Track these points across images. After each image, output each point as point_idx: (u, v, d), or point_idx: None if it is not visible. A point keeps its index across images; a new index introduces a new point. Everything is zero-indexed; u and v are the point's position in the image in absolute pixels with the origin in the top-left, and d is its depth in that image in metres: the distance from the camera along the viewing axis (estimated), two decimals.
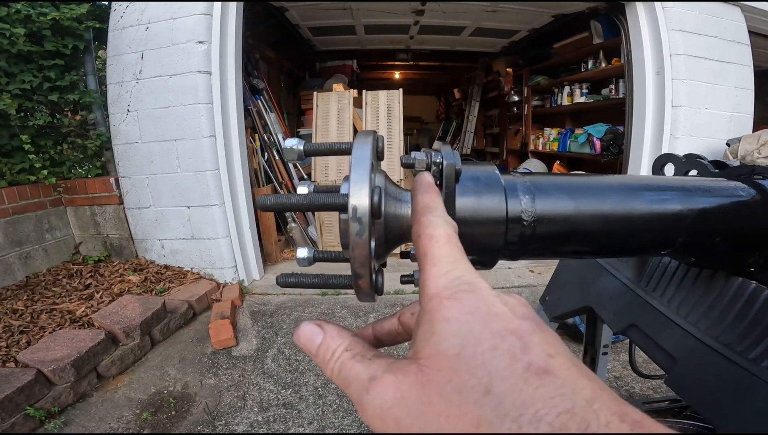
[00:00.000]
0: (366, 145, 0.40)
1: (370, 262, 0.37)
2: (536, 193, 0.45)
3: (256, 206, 0.44)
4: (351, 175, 0.37)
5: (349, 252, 0.37)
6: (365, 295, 0.40)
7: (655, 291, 0.77)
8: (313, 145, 0.47)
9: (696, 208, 0.51)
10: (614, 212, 0.48)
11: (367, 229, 0.35)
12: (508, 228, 0.43)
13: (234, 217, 3.23)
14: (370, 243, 0.36)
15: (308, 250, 0.48)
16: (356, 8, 4.72)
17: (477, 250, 0.45)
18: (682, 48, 3.25)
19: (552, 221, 0.45)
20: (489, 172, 0.45)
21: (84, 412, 2.00)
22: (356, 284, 0.39)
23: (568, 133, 5.44)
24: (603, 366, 1.31)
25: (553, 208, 0.45)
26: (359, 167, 0.37)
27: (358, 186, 0.36)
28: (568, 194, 0.47)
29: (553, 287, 1.22)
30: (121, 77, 3.14)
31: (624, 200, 0.49)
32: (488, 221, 0.43)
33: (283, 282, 0.46)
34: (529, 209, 0.44)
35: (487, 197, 0.43)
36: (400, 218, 0.44)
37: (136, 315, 2.44)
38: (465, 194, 0.42)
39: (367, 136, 0.42)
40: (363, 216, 0.35)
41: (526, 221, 0.44)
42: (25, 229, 3.07)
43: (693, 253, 0.60)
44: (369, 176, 0.37)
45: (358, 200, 0.35)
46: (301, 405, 2.04)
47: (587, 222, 0.47)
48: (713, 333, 0.62)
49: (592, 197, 0.48)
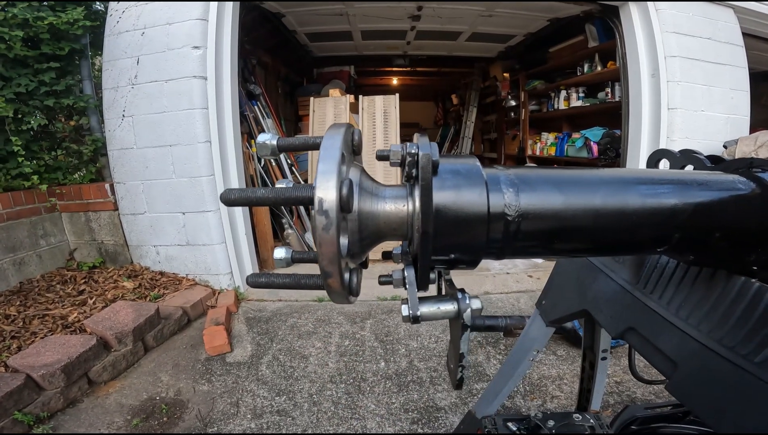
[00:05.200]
0: (336, 136, 0.38)
1: (339, 260, 0.34)
2: (521, 186, 0.42)
3: (221, 201, 0.43)
4: (318, 167, 0.35)
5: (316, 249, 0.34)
6: (337, 295, 0.38)
7: (654, 293, 0.74)
8: (286, 140, 0.45)
9: (692, 202, 0.48)
10: (606, 207, 0.45)
11: (335, 224, 0.33)
12: (490, 224, 0.41)
13: (229, 223, 3.21)
14: (339, 238, 0.34)
15: (286, 250, 0.45)
16: (353, 14, 4.73)
17: (458, 248, 0.42)
18: (676, 50, 3.26)
19: (538, 216, 0.43)
20: (469, 165, 0.42)
21: (73, 418, 1.97)
22: (326, 283, 0.36)
23: (565, 137, 5.44)
24: (603, 371, 1.28)
25: (540, 203, 0.43)
26: (327, 159, 0.35)
27: (325, 177, 0.34)
28: (556, 187, 0.44)
29: (550, 290, 1.19)
30: (117, 82, 3.13)
31: (616, 194, 0.46)
32: (469, 217, 0.40)
33: (253, 282, 0.43)
34: (512, 203, 0.41)
35: (467, 191, 0.40)
36: (376, 215, 0.42)
37: (129, 321, 2.41)
38: (443, 188, 0.40)
39: (339, 128, 0.40)
40: (330, 209, 0.33)
41: (509, 216, 0.41)
42: (19, 235, 3.05)
43: (691, 251, 0.57)
44: (337, 168, 0.34)
45: (325, 193, 0.33)
46: (295, 412, 2.01)
47: (577, 217, 0.44)
48: (716, 336, 0.59)
49: (582, 191, 0.45)
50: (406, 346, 2.55)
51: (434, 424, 1.92)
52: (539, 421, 1.15)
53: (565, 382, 2.21)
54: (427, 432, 1.88)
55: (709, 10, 3.43)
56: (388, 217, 0.41)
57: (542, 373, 2.28)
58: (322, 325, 2.82)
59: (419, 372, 2.31)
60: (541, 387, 2.18)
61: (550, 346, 2.49)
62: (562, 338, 2.53)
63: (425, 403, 2.07)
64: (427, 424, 1.92)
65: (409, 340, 2.62)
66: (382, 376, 2.28)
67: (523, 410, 2.01)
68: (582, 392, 1.37)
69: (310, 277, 0.41)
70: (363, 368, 2.35)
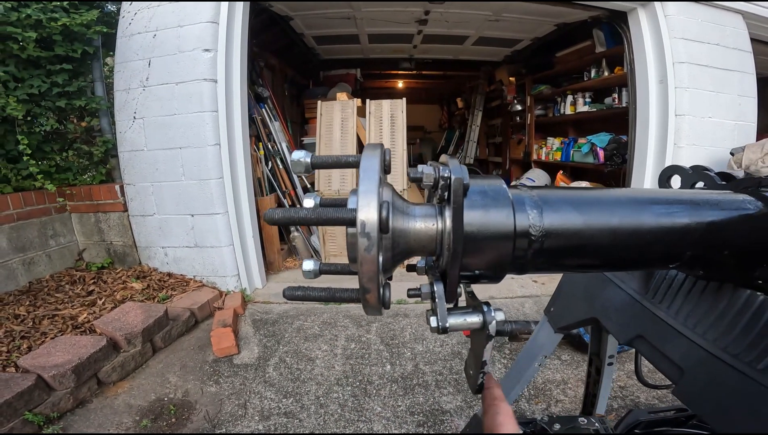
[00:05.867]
0: (374, 158, 0.40)
1: (378, 277, 0.37)
2: (544, 207, 0.45)
3: (263, 219, 0.45)
4: (359, 189, 0.36)
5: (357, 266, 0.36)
6: (372, 308, 0.40)
7: (662, 303, 0.77)
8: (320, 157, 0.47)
9: (704, 221, 0.50)
10: (623, 226, 0.48)
11: (376, 245, 0.35)
12: (516, 242, 0.43)
13: (237, 225, 3.23)
14: (379, 258, 0.36)
15: (314, 262, 0.47)
16: (360, 17, 4.76)
17: (485, 264, 0.44)
18: (684, 56, 3.26)
19: (560, 235, 0.45)
20: (496, 187, 0.44)
21: (83, 418, 2.00)
22: (364, 299, 0.38)
23: (571, 142, 5.44)
24: (608, 376, 1.30)
25: (562, 223, 0.45)
26: (367, 181, 0.37)
27: (367, 200, 0.35)
28: (576, 208, 0.46)
29: (558, 298, 1.20)
30: (128, 84, 3.17)
31: (632, 214, 0.49)
32: (496, 236, 0.42)
33: (289, 295, 0.45)
34: (537, 224, 0.44)
35: (495, 212, 0.42)
36: (407, 233, 0.44)
37: (138, 322, 2.44)
38: (473, 208, 0.42)
39: (375, 149, 0.42)
40: (372, 231, 0.35)
41: (534, 236, 0.44)
42: (29, 235, 3.09)
43: (701, 267, 0.59)
44: (377, 190, 0.36)
45: (367, 215, 0.35)
46: (302, 414, 2.03)
47: (596, 236, 0.47)
48: (721, 344, 0.61)
49: (601, 211, 0.48)
50: (411, 350, 2.57)
51: (440, 427, 1.94)
52: (545, 425, 1.16)
53: (570, 386, 2.22)
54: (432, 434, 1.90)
55: (718, 16, 3.43)
56: (418, 235, 0.44)
57: (547, 378, 2.29)
58: (328, 328, 2.84)
59: (425, 375, 2.32)
60: (546, 391, 2.19)
61: (555, 351, 2.50)
62: (567, 344, 2.54)
63: (431, 406, 2.08)
64: (432, 427, 1.94)
65: (415, 343, 2.64)
66: (388, 379, 2.30)
67: (528, 414, 2.02)
68: (587, 396, 1.39)
69: (344, 291, 0.43)
70: (369, 371, 2.37)
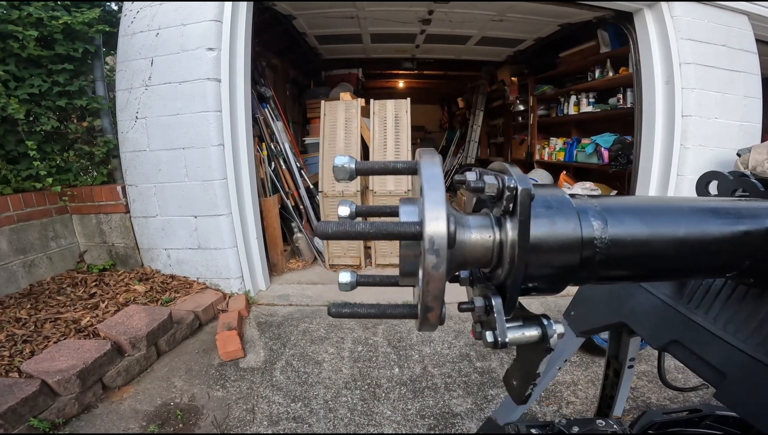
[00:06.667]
0: (436, 166, 0.36)
1: (443, 296, 0.34)
2: (608, 217, 0.44)
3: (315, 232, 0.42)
4: (425, 200, 0.33)
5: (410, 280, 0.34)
6: (431, 326, 0.37)
7: (699, 308, 0.77)
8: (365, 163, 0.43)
9: (762, 228, 0.50)
10: (689, 236, 0.47)
11: (445, 262, 0.32)
12: (582, 254, 0.41)
13: (241, 227, 3.20)
14: (446, 277, 0.33)
15: (351, 274, 0.44)
16: (363, 17, 4.74)
17: (546, 277, 0.43)
18: (691, 57, 3.25)
19: (625, 246, 0.44)
20: (560, 197, 0.43)
21: (89, 424, 1.96)
22: (424, 317, 0.35)
23: (574, 143, 5.42)
24: (628, 379, 1.31)
25: (626, 233, 0.44)
26: (433, 191, 0.33)
27: (435, 214, 0.32)
28: (640, 219, 0.46)
29: (579, 302, 1.20)
30: (130, 83, 3.13)
31: (697, 224, 0.48)
32: (562, 247, 0.41)
33: (336, 313, 0.42)
34: (602, 236, 0.42)
35: (562, 223, 0.41)
36: (464, 245, 0.41)
37: (143, 325, 2.40)
38: (537, 218, 0.40)
39: (434, 156, 0.38)
40: (441, 248, 0.32)
41: (599, 248, 0.42)
42: (30, 237, 3.05)
43: (754, 275, 0.59)
44: (445, 203, 0.33)
45: (436, 229, 0.32)
46: (311, 419, 2.00)
47: (661, 247, 0.46)
48: (765, 349, 0.62)
49: (666, 221, 0.47)
50: (419, 352, 2.54)
51: (451, 430, 1.91)
52: (563, 428, 1.14)
53: (580, 387, 2.21)
54: None
55: (724, 17, 3.41)
56: (473, 246, 0.41)
57: (557, 379, 2.27)
58: (334, 331, 2.81)
59: (434, 378, 2.29)
60: (556, 393, 2.17)
61: None
62: None
63: (441, 409, 2.06)
64: (443, 430, 1.91)
65: (422, 346, 2.61)
66: (396, 382, 2.27)
67: (539, 416, 2.00)
68: (603, 398, 1.39)
69: (395, 307, 0.40)
70: (377, 374, 2.34)
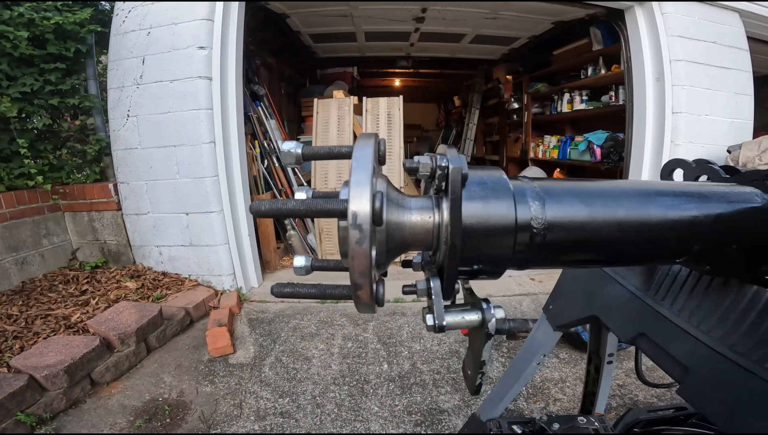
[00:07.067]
0: (368, 147, 0.38)
1: (370, 272, 0.34)
2: (546, 198, 0.43)
3: (249, 210, 0.43)
4: (351, 179, 0.34)
5: (348, 261, 0.34)
6: (365, 306, 0.38)
7: (665, 300, 0.75)
8: (311, 148, 0.45)
9: (712, 214, 0.49)
10: (629, 219, 0.45)
11: (368, 238, 0.33)
12: (517, 236, 0.41)
13: (233, 224, 3.21)
14: (371, 252, 0.33)
15: (305, 258, 0.45)
16: (357, 15, 4.73)
17: (484, 259, 0.42)
18: (681, 54, 3.25)
19: (564, 228, 0.43)
20: (497, 177, 0.42)
21: (76, 419, 1.97)
22: (355, 295, 0.36)
23: (568, 140, 5.43)
24: (608, 375, 1.29)
25: (565, 215, 0.43)
26: (360, 171, 0.35)
27: (359, 191, 0.33)
28: (580, 200, 0.44)
29: (557, 296, 1.19)
30: (122, 82, 3.13)
31: (639, 206, 0.47)
32: (496, 228, 0.40)
33: (278, 292, 0.43)
34: (539, 216, 0.42)
35: (496, 203, 0.40)
36: (402, 226, 0.41)
37: (132, 321, 2.41)
38: (472, 200, 0.40)
39: (369, 138, 0.40)
40: (364, 223, 0.33)
41: (536, 229, 0.41)
42: (22, 235, 3.05)
43: (708, 261, 0.58)
44: (371, 180, 0.34)
45: (359, 206, 0.33)
46: (298, 414, 2.00)
47: (601, 229, 0.45)
48: (727, 342, 0.60)
49: (607, 203, 0.46)
50: (408, 349, 2.55)
51: (437, 427, 1.92)
52: (544, 424, 1.15)
53: (568, 384, 2.21)
54: (430, 434, 1.88)
55: (715, 14, 3.42)
56: (413, 228, 0.41)
57: (545, 376, 2.28)
58: (324, 327, 2.81)
59: (422, 374, 2.30)
60: (544, 390, 2.18)
61: (553, 350, 2.49)
62: (565, 342, 2.53)
63: (428, 405, 2.06)
64: (430, 427, 1.92)
65: (412, 342, 2.62)
66: (385, 378, 2.28)
67: (526, 413, 2.01)
68: (586, 395, 1.38)
69: (335, 288, 0.41)
70: (366, 370, 2.35)
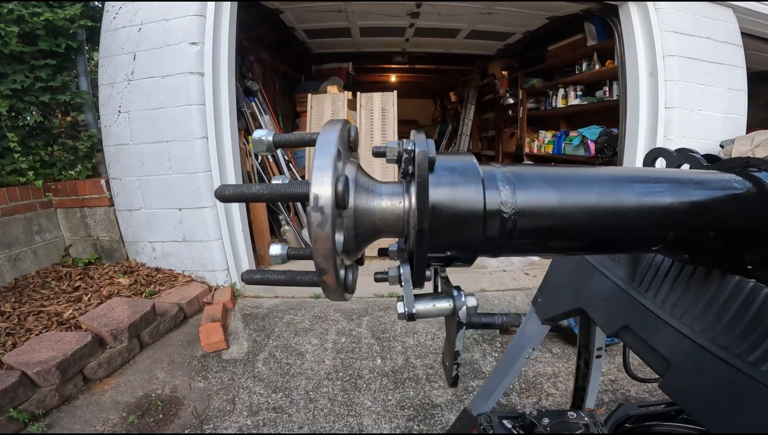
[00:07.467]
0: (332, 132, 0.38)
1: (334, 256, 0.34)
2: (517, 184, 0.42)
3: (216, 196, 0.43)
4: (314, 163, 0.34)
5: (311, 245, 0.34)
6: (332, 291, 0.38)
7: (648, 291, 0.74)
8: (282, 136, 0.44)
9: (688, 200, 0.48)
10: (601, 205, 0.45)
11: (330, 220, 0.33)
12: (486, 221, 0.41)
13: (226, 219, 3.20)
14: (334, 235, 0.33)
15: (281, 246, 0.45)
16: (351, 10, 4.71)
17: (454, 245, 0.42)
18: (675, 49, 3.26)
19: (534, 214, 0.42)
20: (466, 162, 0.42)
21: (69, 415, 1.96)
22: (321, 280, 0.36)
23: (562, 135, 5.44)
24: (597, 369, 1.29)
25: (536, 200, 0.43)
26: (323, 155, 0.35)
27: (321, 174, 0.33)
28: (551, 185, 0.44)
29: (546, 289, 1.19)
30: (113, 78, 3.11)
31: (611, 192, 0.46)
32: (465, 214, 0.40)
33: (247, 278, 0.43)
34: (509, 201, 0.41)
35: (464, 188, 0.40)
36: (372, 211, 0.41)
37: (125, 317, 2.40)
38: (439, 185, 0.39)
39: (335, 124, 0.40)
40: (326, 206, 0.33)
41: (506, 214, 0.41)
42: (14, 231, 3.03)
43: (686, 249, 0.57)
44: (333, 163, 0.34)
45: (321, 189, 0.33)
46: (291, 409, 2.01)
47: (573, 215, 0.44)
48: (709, 335, 0.59)
49: (578, 189, 0.45)
50: (402, 344, 2.55)
51: (430, 422, 1.92)
52: (534, 419, 1.15)
53: (560, 379, 2.22)
54: (423, 429, 1.88)
55: (709, 10, 3.42)
56: (383, 213, 0.41)
57: (538, 371, 2.29)
58: (318, 322, 2.81)
59: (415, 369, 2.31)
60: (537, 385, 2.18)
61: (546, 344, 2.50)
62: (557, 336, 2.54)
63: (421, 400, 2.07)
64: (423, 422, 1.92)
65: (406, 337, 2.62)
66: (378, 373, 2.28)
67: (519, 408, 2.02)
68: (577, 390, 1.38)
69: (305, 274, 0.40)
70: (359, 365, 2.35)
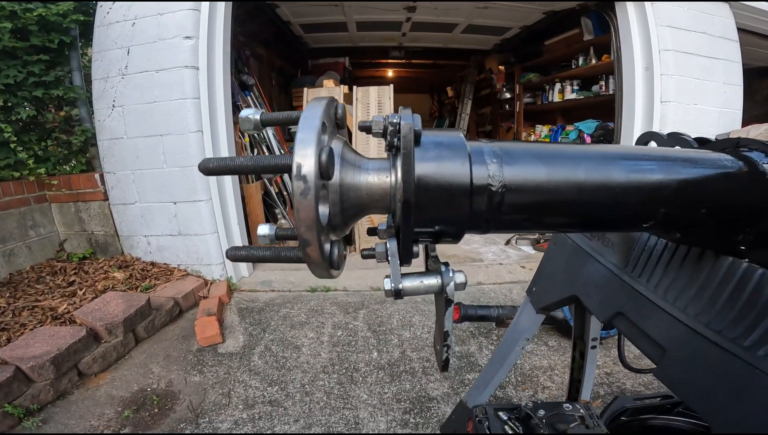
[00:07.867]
0: (317, 108, 0.38)
1: (318, 227, 0.34)
2: (504, 158, 0.42)
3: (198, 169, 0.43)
4: (297, 136, 0.34)
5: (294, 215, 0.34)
6: (317, 266, 0.37)
7: (642, 276, 0.72)
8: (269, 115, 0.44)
9: (678, 177, 0.48)
10: (590, 180, 0.45)
11: (313, 189, 0.32)
12: (473, 196, 0.40)
13: (221, 212, 3.18)
14: (317, 204, 0.33)
15: (269, 227, 0.45)
16: (348, 5, 4.69)
17: (441, 220, 0.42)
18: (671, 44, 3.26)
19: (522, 189, 0.42)
20: (453, 137, 0.42)
21: (64, 410, 1.96)
22: (304, 252, 0.36)
23: (559, 129, 5.45)
24: (592, 360, 1.28)
25: (524, 175, 0.42)
26: (306, 128, 0.35)
27: (304, 144, 0.34)
28: (540, 160, 0.43)
29: (540, 277, 1.18)
30: (107, 73, 3.09)
31: (600, 168, 0.46)
32: (451, 187, 0.39)
33: (232, 255, 0.43)
34: (496, 175, 0.41)
35: (450, 161, 0.40)
36: (359, 186, 0.41)
37: (119, 312, 2.39)
38: (426, 159, 0.39)
39: (321, 100, 0.39)
40: (308, 174, 0.33)
41: (493, 187, 0.41)
42: (8, 226, 3.01)
43: (677, 228, 0.56)
44: (316, 135, 0.34)
45: (303, 159, 0.33)
46: (287, 402, 2.00)
47: (560, 190, 0.44)
48: (704, 319, 0.57)
49: (566, 164, 0.45)
50: (398, 337, 2.55)
51: (426, 414, 1.93)
52: (530, 411, 1.15)
53: (556, 372, 2.23)
54: (419, 422, 1.88)
55: (705, 5, 3.42)
56: (370, 188, 0.41)
57: (533, 364, 2.29)
58: (314, 316, 2.81)
59: (411, 362, 2.31)
60: (533, 377, 2.19)
61: (542, 337, 2.50)
62: (553, 329, 2.55)
63: (417, 393, 2.07)
64: (419, 414, 1.93)
65: (402, 330, 2.62)
66: (374, 366, 2.28)
67: (515, 400, 2.02)
68: (572, 382, 1.37)
69: (290, 250, 0.40)
70: (355, 358, 2.35)
